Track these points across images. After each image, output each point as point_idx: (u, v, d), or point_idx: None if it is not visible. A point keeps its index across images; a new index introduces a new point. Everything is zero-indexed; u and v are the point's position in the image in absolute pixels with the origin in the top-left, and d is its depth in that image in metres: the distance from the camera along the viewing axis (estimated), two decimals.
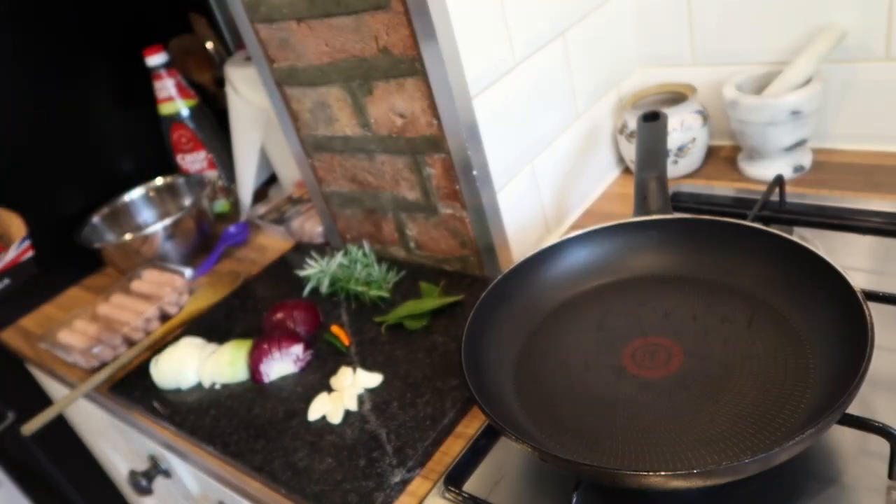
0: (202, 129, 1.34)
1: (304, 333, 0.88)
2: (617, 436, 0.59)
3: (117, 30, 1.35)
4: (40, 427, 0.87)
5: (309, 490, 0.66)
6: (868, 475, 0.54)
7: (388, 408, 0.73)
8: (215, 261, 1.19)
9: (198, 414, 0.81)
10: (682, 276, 0.73)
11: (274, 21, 0.86)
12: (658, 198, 0.75)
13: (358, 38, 0.79)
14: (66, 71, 1.29)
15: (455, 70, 0.74)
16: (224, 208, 1.38)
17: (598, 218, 0.97)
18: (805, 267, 0.63)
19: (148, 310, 1.01)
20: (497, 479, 0.64)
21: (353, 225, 1.02)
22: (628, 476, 0.51)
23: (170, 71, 1.30)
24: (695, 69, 1.00)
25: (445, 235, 0.91)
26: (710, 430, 0.57)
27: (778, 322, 0.64)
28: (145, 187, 1.33)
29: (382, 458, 0.67)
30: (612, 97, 1.02)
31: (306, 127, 0.95)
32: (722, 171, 0.98)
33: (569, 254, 0.76)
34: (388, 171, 0.90)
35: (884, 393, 0.60)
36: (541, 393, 0.65)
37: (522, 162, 0.87)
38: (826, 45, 0.84)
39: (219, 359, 0.84)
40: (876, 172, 0.87)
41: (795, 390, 0.57)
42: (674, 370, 0.63)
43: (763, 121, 0.86)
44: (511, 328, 0.71)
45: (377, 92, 0.83)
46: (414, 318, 0.84)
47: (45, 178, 1.28)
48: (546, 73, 0.88)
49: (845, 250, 0.78)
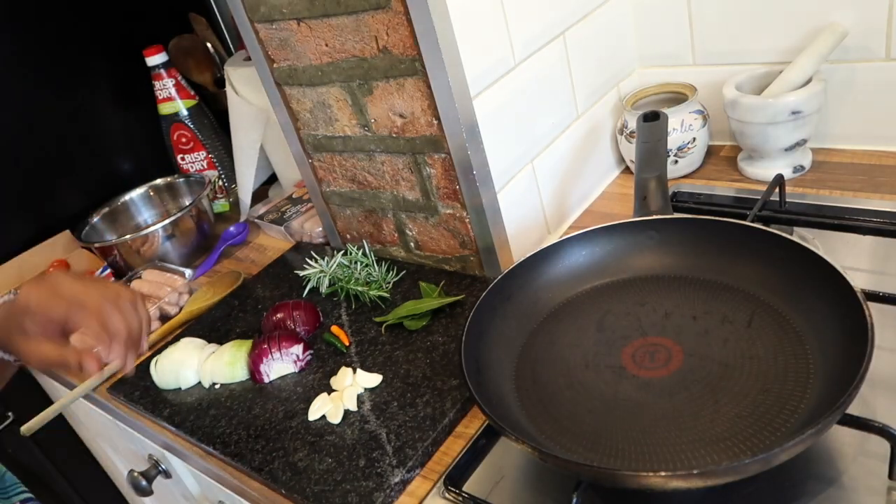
0: (202, 129, 1.34)
1: (304, 333, 0.88)
2: (617, 436, 0.59)
3: (117, 30, 1.35)
4: (40, 427, 0.86)
5: (309, 490, 0.66)
6: (868, 475, 0.54)
7: (388, 408, 0.73)
8: (215, 261, 1.19)
9: (198, 414, 0.81)
10: (682, 276, 0.73)
11: (274, 21, 0.86)
12: (658, 198, 0.75)
13: (358, 38, 0.79)
14: (67, 71, 1.29)
15: (455, 70, 0.74)
16: (224, 208, 1.38)
17: (598, 218, 0.97)
18: (805, 267, 0.63)
19: (148, 310, 1.01)
20: (497, 479, 0.63)
21: (353, 225, 1.02)
22: (628, 476, 0.51)
23: (170, 71, 1.30)
24: (695, 69, 1.00)
25: (445, 235, 0.91)
26: (710, 430, 0.57)
27: (778, 322, 0.64)
28: (145, 187, 1.33)
29: (382, 458, 0.67)
30: (612, 97, 1.02)
31: (306, 127, 0.95)
32: (722, 171, 0.98)
33: (569, 254, 0.76)
34: (388, 171, 0.90)
35: (884, 393, 0.60)
36: (541, 393, 0.65)
37: (522, 162, 0.87)
38: (826, 45, 0.84)
39: (219, 359, 0.84)
40: (876, 172, 0.87)
41: (795, 390, 0.57)
42: (674, 370, 0.63)
43: (763, 121, 0.86)
44: (511, 328, 0.71)
45: (377, 92, 0.83)
46: (414, 318, 0.84)
47: (45, 178, 1.28)
48: (546, 73, 0.88)
49: (845, 250, 0.78)
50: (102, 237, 1.26)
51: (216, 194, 1.38)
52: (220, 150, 1.37)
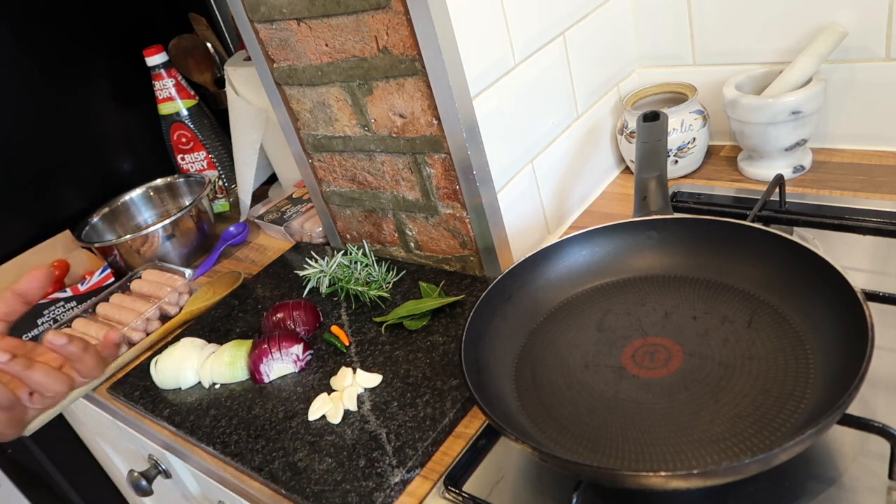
0: (202, 129, 1.34)
1: (304, 333, 0.88)
2: (617, 436, 0.59)
3: (117, 30, 1.35)
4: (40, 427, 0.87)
5: (309, 490, 0.66)
6: (868, 475, 0.54)
7: (388, 408, 0.73)
8: (215, 261, 1.19)
9: (198, 414, 0.81)
10: (682, 276, 0.73)
11: (274, 21, 0.86)
12: (658, 198, 0.75)
13: (358, 38, 0.79)
14: (67, 71, 1.29)
15: (455, 70, 0.74)
16: (224, 208, 1.38)
17: (598, 218, 0.97)
18: (805, 267, 0.63)
19: (148, 310, 1.01)
20: (497, 479, 0.63)
21: (353, 225, 1.02)
22: (628, 476, 0.51)
23: (170, 71, 1.30)
24: (695, 69, 1.00)
25: (445, 235, 0.91)
26: (710, 430, 0.57)
27: (778, 322, 0.64)
28: (145, 187, 1.33)
29: (382, 458, 0.67)
30: (612, 97, 1.02)
31: (306, 127, 0.95)
32: (722, 171, 0.98)
33: (569, 254, 0.76)
34: (388, 171, 0.90)
35: (884, 393, 0.60)
36: (541, 393, 0.65)
37: (522, 162, 0.87)
38: (826, 45, 0.84)
39: (219, 359, 0.84)
40: (876, 172, 0.87)
41: (795, 390, 0.57)
42: (674, 370, 0.63)
43: (763, 121, 0.86)
44: (511, 328, 0.71)
45: (377, 92, 0.83)
46: (414, 318, 0.84)
47: (45, 178, 1.28)
48: (546, 73, 0.88)
49: (845, 250, 0.78)
50: (102, 237, 1.26)
51: (216, 194, 1.38)
52: (220, 150, 1.37)
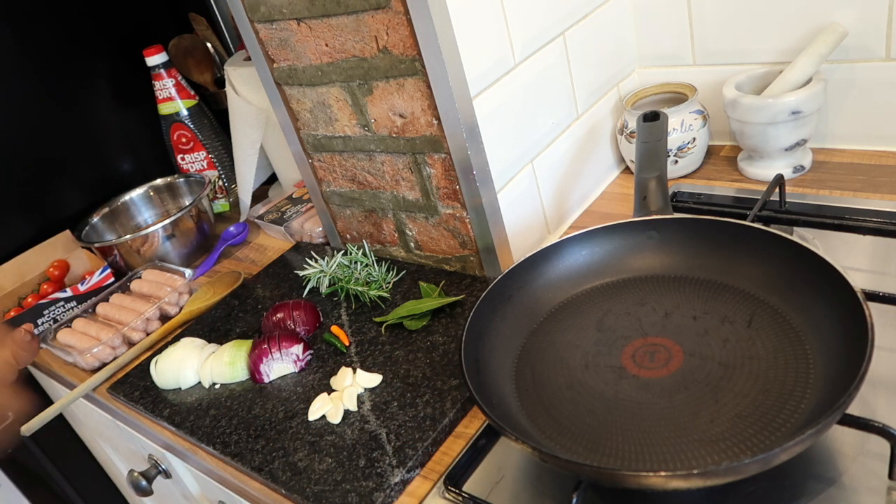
0: (202, 129, 1.34)
1: (304, 333, 0.88)
2: (617, 436, 0.59)
3: (117, 30, 1.35)
4: (39, 427, 0.87)
5: (309, 490, 0.66)
6: (868, 475, 0.54)
7: (388, 408, 0.73)
8: (215, 261, 1.19)
9: (198, 414, 0.81)
10: (682, 276, 0.73)
11: (274, 21, 0.86)
12: (658, 198, 0.75)
13: (358, 38, 0.79)
14: (67, 71, 1.29)
15: (455, 70, 0.74)
16: (224, 208, 1.38)
17: (598, 218, 0.97)
18: (805, 267, 0.63)
19: (148, 310, 1.01)
20: (497, 479, 0.63)
21: (353, 225, 1.02)
22: (628, 476, 0.51)
23: (170, 71, 1.30)
24: (695, 69, 1.00)
25: (445, 235, 0.91)
26: (710, 430, 0.57)
27: (778, 322, 0.64)
28: (145, 187, 1.33)
29: (382, 458, 0.67)
30: (612, 97, 1.02)
31: (306, 127, 0.95)
32: (722, 171, 0.98)
33: (569, 254, 0.76)
34: (388, 171, 0.90)
35: (884, 393, 0.60)
36: (541, 393, 0.65)
37: (522, 162, 0.87)
38: (826, 45, 0.84)
39: (219, 359, 0.84)
40: (876, 172, 0.87)
41: (795, 390, 0.57)
42: (674, 370, 0.63)
43: (763, 121, 0.86)
44: (511, 328, 0.71)
45: (377, 92, 0.83)
46: (414, 318, 0.84)
47: (45, 178, 1.28)
48: (546, 73, 0.88)
49: (845, 250, 0.78)
50: (102, 237, 1.26)
51: (216, 194, 1.38)
52: (220, 150, 1.37)
